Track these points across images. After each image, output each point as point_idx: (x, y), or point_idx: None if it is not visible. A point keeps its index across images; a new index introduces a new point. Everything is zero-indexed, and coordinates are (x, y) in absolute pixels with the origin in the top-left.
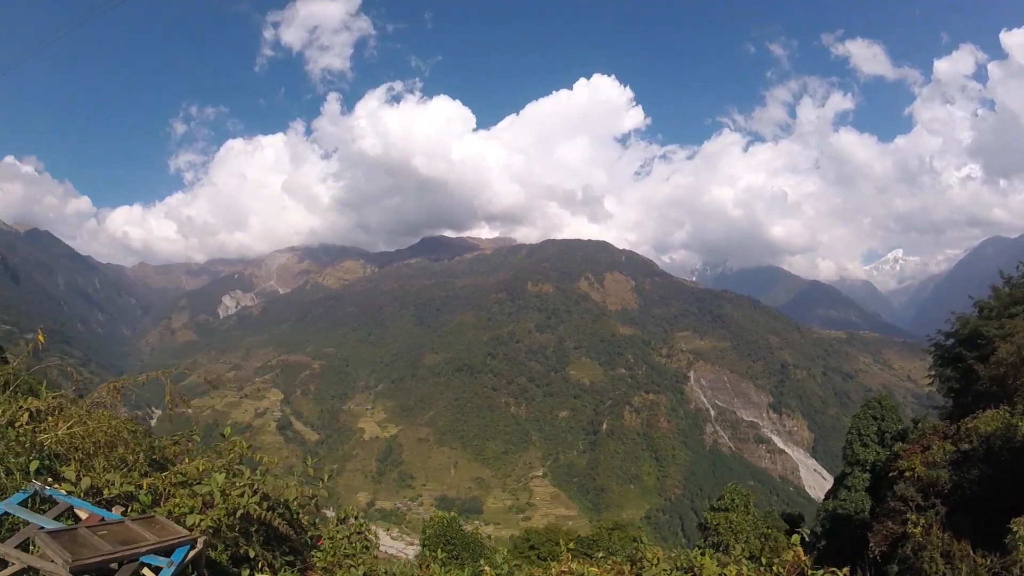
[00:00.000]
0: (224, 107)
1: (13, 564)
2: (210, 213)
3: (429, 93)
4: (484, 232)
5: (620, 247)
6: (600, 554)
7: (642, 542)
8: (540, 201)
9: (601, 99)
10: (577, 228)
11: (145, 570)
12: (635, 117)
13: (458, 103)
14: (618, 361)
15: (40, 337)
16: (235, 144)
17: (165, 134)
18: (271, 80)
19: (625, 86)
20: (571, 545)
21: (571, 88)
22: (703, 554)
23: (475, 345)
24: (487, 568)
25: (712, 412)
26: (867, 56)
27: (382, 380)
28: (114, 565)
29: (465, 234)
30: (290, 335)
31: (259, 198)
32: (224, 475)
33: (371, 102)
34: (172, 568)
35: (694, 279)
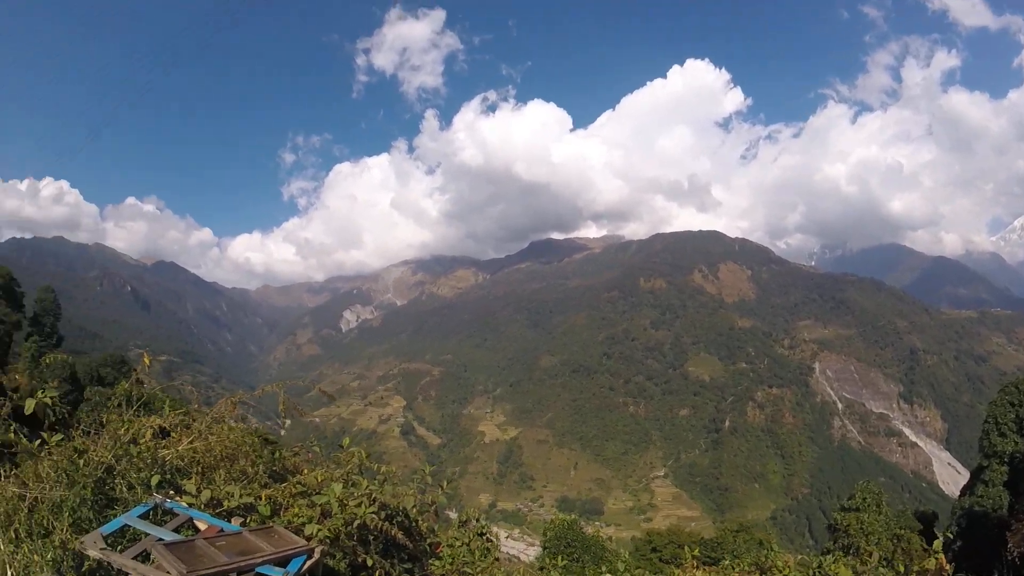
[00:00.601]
0: (328, 134)
1: (130, 575)
2: (325, 234)
3: (523, 99)
4: (591, 232)
5: (732, 236)
6: (726, 561)
7: (771, 548)
8: (645, 195)
9: (697, 85)
10: (686, 220)
11: None
12: (734, 99)
13: (552, 105)
14: (738, 355)
15: (146, 360)
16: (342, 168)
17: (275, 165)
18: (369, 104)
19: (720, 68)
20: (696, 551)
21: (665, 77)
22: (835, 561)
23: (590, 345)
24: None
25: (839, 405)
26: (966, 7)
27: (500, 384)
28: (232, 575)
29: (573, 235)
30: (409, 344)
31: (370, 216)
32: (342, 485)
33: (467, 114)
34: None
35: (813, 264)
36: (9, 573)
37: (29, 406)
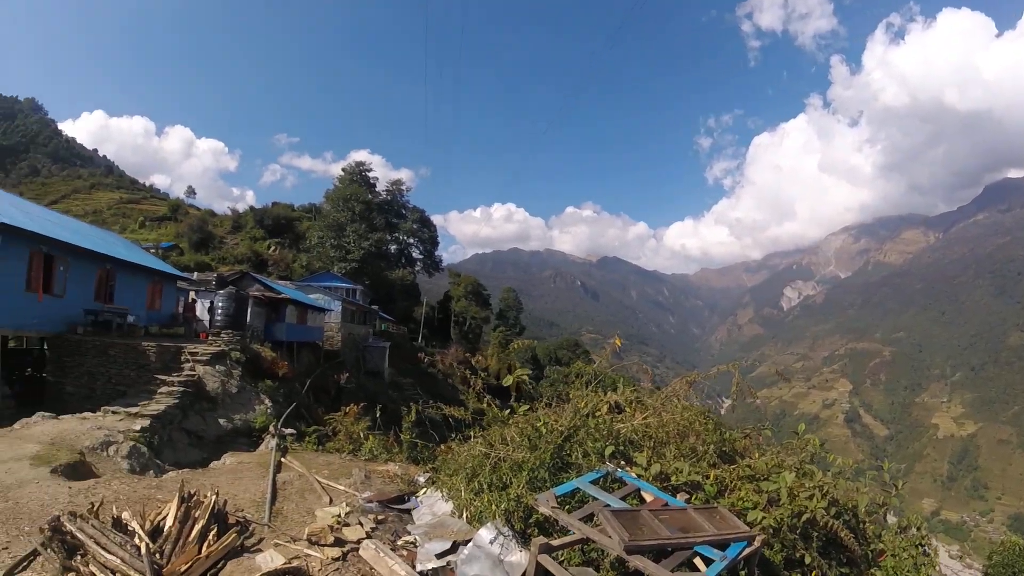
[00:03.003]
0: (738, 110)
1: (574, 534)
2: (756, 211)
3: (929, 13)
4: None
5: None
6: None
7: None
8: None
9: None
10: None
11: (697, 559)
12: None
13: (966, 11)
14: None
15: (617, 341)
16: (761, 140)
17: (694, 152)
18: (769, 68)
19: None
20: None
21: None
22: None
23: None
24: None
25: None
26: None
27: (959, 367)
28: (669, 549)
29: None
30: (856, 320)
31: (799, 184)
32: (794, 474)
33: (875, 49)
34: (725, 563)
35: None
36: (465, 515)
37: (507, 380)
